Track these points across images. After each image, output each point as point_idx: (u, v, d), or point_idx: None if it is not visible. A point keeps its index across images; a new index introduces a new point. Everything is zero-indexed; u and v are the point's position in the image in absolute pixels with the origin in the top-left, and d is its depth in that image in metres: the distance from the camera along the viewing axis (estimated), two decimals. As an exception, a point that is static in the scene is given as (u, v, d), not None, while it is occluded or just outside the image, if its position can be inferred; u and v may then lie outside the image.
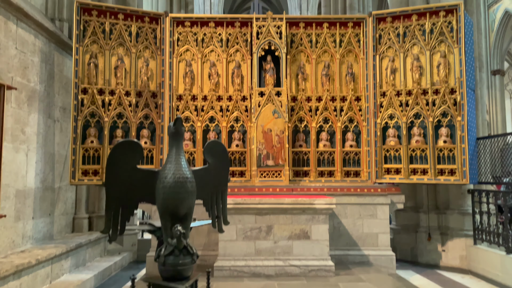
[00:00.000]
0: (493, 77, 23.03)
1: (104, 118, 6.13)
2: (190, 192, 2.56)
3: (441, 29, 6.34)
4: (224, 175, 2.96)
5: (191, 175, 2.58)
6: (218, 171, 2.87)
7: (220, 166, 2.88)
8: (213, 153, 2.81)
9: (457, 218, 7.05)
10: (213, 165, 2.83)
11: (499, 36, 22.25)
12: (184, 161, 2.61)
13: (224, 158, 2.91)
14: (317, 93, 6.68)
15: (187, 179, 2.54)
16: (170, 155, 2.63)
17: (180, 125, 2.60)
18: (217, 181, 2.91)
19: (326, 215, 5.37)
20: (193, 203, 2.67)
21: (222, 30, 6.69)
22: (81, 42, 6.13)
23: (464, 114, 6.12)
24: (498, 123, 22.73)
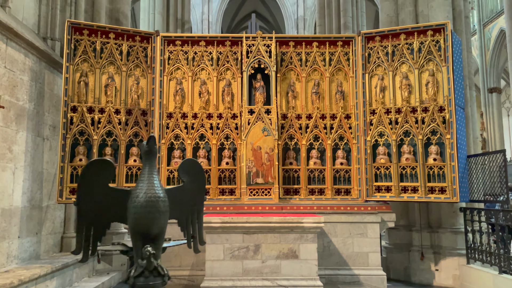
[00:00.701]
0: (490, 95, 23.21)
1: (93, 136, 6.13)
2: (162, 212, 2.53)
3: (429, 48, 6.40)
4: (200, 194, 2.93)
5: (164, 194, 2.56)
6: (194, 190, 2.85)
7: (196, 185, 2.86)
8: (188, 172, 2.80)
9: (450, 236, 6.99)
10: (188, 184, 2.80)
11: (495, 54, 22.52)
12: (157, 180, 2.60)
13: (200, 177, 2.89)
14: (307, 111, 6.71)
15: (159, 198, 2.52)
16: (143, 174, 2.62)
17: (153, 144, 2.59)
18: (193, 201, 2.88)
19: (315, 234, 5.32)
20: (166, 223, 2.63)
21: (213, 49, 6.75)
22: (71, 61, 6.18)
23: (453, 132, 6.13)
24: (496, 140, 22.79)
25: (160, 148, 6.46)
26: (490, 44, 23.12)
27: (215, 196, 6.45)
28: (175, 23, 13.74)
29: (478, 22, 23.55)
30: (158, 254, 2.56)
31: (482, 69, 23.04)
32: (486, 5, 23.17)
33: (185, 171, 2.80)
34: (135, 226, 2.50)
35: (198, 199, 2.93)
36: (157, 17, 13.56)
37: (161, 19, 13.47)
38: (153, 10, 13.90)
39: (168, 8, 13.90)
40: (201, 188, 2.95)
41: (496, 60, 22.99)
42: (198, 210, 2.94)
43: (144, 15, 14.14)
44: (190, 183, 2.81)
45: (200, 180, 2.90)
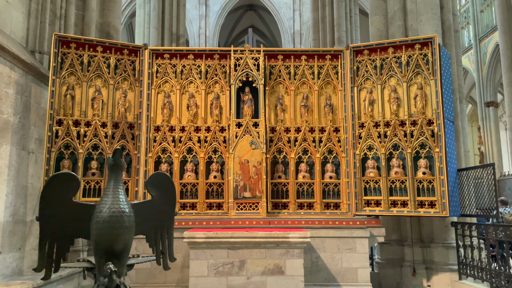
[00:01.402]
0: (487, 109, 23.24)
1: (79, 149, 6.07)
2: (126, 227, 2.45)
3: (417, 61, 6.40)
4: (170, 209, 2.85)
5: (129, 209, 2.48)
6: (163, 204, 2.77)
7: (165, 199, 2.78)
8: (156, 186, 2.72)
9: (442, 251, 6.89)
10: (157, 198, 2.73)
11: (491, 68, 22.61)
12: (123, 194, 2.52)
13: (170, 191, 2.81)
14: (296, 124, 6.66)
15: (123, 213, 2.44)
16: (108, 188, 2.54)
17: (119, 157, 2.53)
18: (162, 215, 2.80)
19: (301, 249, 5.22)
20: (131, 239, 2.55)
21: (201, 62, 6.74)
22: (58, 74, 6.15)
23: (442, 145, 6.07)
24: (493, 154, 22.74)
25: (147, 162, 6.39)
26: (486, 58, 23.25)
27: (202, 211, 6.36)
28: (170, 37, 13.80)
29: (474, 37, 23.71)
30: (121, 271, 2.47)
31: (479, 83, 23.13)
32: (481, 20, 23.37)
33: (153, 185, 2.73)
34: (98, 242, 2.42)
35: (168, 213, 2.85)
36: (152, 31, 13.63)
37: (156, 33, 13.54)
38: (148, 25, 13.99)
39: (163, 22, 14.00)
40: (171, 202, 2.86)
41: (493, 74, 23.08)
42: (168, 225, 2.86)
43: (139, 29, 14.24)
44: (158, 197, 2.73)
45: (170, 194, 2.83)
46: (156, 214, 2.75)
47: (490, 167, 5.99)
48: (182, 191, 6.44)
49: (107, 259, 2.40)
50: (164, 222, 2.82)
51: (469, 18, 24.31)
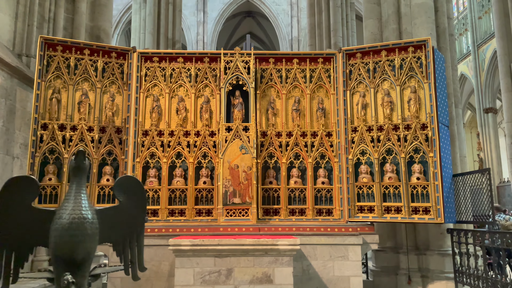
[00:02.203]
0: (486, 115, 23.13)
1: (64, 154, 5.92)
2: (88, 235, 2.29)
3: (410, 64, 6.27)
4: (139, 216, 2.69)
5: (92, 215, 2.33)
6: (132, 210, 2.61)
7: (134, 205, 2.62)
8: (125, 190, 2.56)
9: (437, 259, 6.71)
10: (125, 204, 2.57)
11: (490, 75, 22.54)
12: (86, 199, 2.37)
13: (139, 196, 2.65)
14: (288, 128, 6.51)
15: (85, 220, 2.28)
16: (69, 193, 2.38)
17: (81, 159, 2.38)
18: (131, 222, 2.64)
19: (290, 257, 5.04)
20: (93, 247, 2.39)
21: (191, 65, 6.61)
22: (43, 77, 6.02)
23: (437, 150, 5.93)
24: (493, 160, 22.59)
25: (134, 167, 6.23)
26: (485, 65, 23.21)
27: (191, 217, 6.19)
28: (166, 43, 13.72)
29: (472, 43, 23.70)
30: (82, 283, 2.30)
31: (478, 89, 23.06)
32: (479, 26, 23.34)
33: (121, 190, 2.57)
34: (57, 251, 2.26)
35: (137, 220, 2.68)
36: (148, 37, 13.55)
37: (152, 39, 13.45)
38: (143, 30, 13.92)
39: (159, 28, 13.93)
40: (141, 208, 2.70)
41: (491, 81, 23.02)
42: (137, 232, 2.69)
43: (135, 35, 14.18)
44: (127, 203, 2.57)
45: (139, 200, 2.66)
46: (124, 221, 2.58)
47: (486, 172, 5.84)
48: (171, 197, 6.28)
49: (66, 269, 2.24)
50: (133, 229, 2.66)
51: (467, 24, 24.33)
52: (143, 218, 2.74)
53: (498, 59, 15.95)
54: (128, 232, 2.64)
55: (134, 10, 14.65)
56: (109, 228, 2.43)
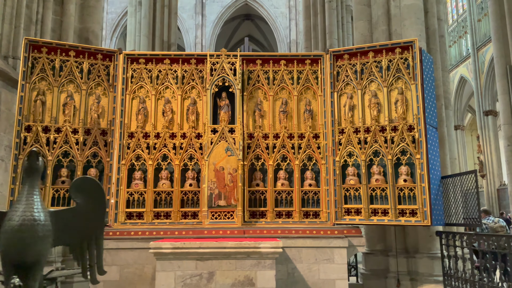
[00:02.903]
0: (486, 117, 23.04)
1: (48, 156, 5.88)
2: (40, 237, 2.24)
3: (397, 65, 6.23)
4: (98, 218, 2.63)
5: (44, 217, 2.28)
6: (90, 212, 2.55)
7: (93, 207, 2.57)
8: (82, 192, 2.51)
9: (427, 262, 6.65)
10: (82, 206, 2.51)
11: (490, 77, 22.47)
12: (38, 200, 2.32)
13: (98, 198, 2.59)
14: (275, 130, 6.47)
15: (35, 222, 2.23)
16: (21, 194, 2.34)
17: (34, 160, 2.33)
18: (89, 224, 2.58)
19: (273, 260, 4.99)
20: (45, 250, 2.33)
21: (178, 67, 6.58)
22: (28, 79, 5.99)
23: (423, 151, 5.87)
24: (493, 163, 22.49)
25: (120, 169, 6.19)
26: (485, 67, 23.16)
27: (177, 220, 6.14)
28: (161, 46, 13.72)
29: (472, 46, 23.67)
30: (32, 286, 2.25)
31: (477, 92, 23.00)
32: (479, 29, 23.30)
33: (78, 191, 2.51)
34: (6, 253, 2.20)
35: (96, 222, 2.62)
36: (143, 40, 13.54)
37: (147, 41, 13.45)
38: (139, 33, 13.91)
39: (154, 30, 13.92)
40: (99, 210, 2.64)
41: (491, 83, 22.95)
42: (96, 235, 2.63)
43: (130, 38, 14.16)
44: (85, 205, 2.51)
45: (98, 202, 2.60)
46: (81, 223, 2.52)
47: (472, 174, 5.78)
48: (156, 199, 6.23)
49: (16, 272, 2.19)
50: (91, 232, 2.60)
51: (467, 27, 24.31)
52: (102, 221, 2.68)
53: (495, 61, 15.84)
54: (86, 234, 2.58)
55: (129, 13, 14.64)
56: (65, 231, 2.38)
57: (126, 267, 5.62)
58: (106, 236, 5.69)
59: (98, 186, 2.61)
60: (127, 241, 5.68)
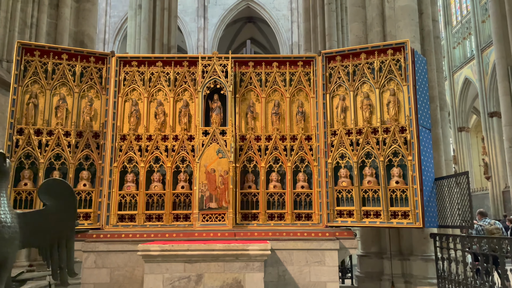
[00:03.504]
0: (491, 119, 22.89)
1: (40, 159, 5.90)
2: (5, 239, 2.24)
3: (389, 67, 6.20)
4: (68, 219, 2.63)
5: (11, 219, 2.28)
6: (60, 214, 2.55)
7: (62, 209, 2.56)
8: (51, 194, 2.51)
9: (421, 265, 6.60)
10: (52, 208, 2.51)
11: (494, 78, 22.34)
12: (5, 202, 2.32)
13: (68, 200, 2.59)
14: (267, 132, 6.45)
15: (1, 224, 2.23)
16: (-12, 196, 2.35)
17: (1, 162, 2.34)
18: (59, 226, 2.58)
19: (261, 262, 4.97)
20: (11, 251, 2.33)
21: (170, 69, 6.59)
22: (20, 82, 6.02)
23: (415, 153, 5.83)
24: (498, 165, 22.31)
25: (112, 172, 6.20)
26: (489, 68, 23.03)
27: (168, 222, 6.14)
28: (161, 48, 13.77)
29: (476, 48, 23.56)
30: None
31: (482, 93, 22.89)
32: (483, 30, 23.20)
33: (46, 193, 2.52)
34: (-29, 255, 2.22)
35: (66, 224, 2.62)
36: (143, 42, 13.60)
37: (147, 44, 13.50)
38: (139, 36, 13.97)
39: (154, 33, 13.98)
40: (69, 212, 2.64)
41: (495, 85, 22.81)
42: (67, 237, 2.63)
43: (130, 41, 14.22)
44: (54, 207, 2.51)
45: (68, 203, 2.60)
46: (50, 225, 2.52)
47: (464, 176, 5.73)
48: (148, 202, 6.23)
49: (-19, 274, 2.20)
50: (61, 234, 2.60)
51: (471, 28, 24.21)
52: (73, 223, 2.68)
53: (496, 62, 15.81)
54: (56, 236, 2.58)
55: (129, 16, 14.71)
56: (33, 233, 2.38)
57: (116, 270, 5.62)
58: (97, 239, 5.72)
59: (68, 188, 2.61)
60: (118, 243, 5.69)
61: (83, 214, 6.03)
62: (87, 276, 5.57)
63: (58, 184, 2.62)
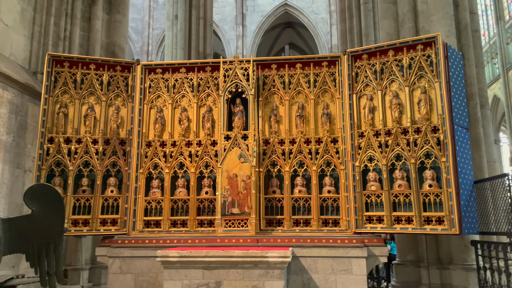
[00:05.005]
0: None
1: (69, 167, 6.08)
2: None
3: (419, 63, 5.84)
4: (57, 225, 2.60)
5: (-5, 224, 2.28)
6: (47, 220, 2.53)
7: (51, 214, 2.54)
8: (38, 199, 2.49)
9: (461, 274, 6.11)
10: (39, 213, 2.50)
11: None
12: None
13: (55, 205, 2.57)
14: (291, 136, 6.28)
15: None
16: (-27, 200, 2.37)
17: None
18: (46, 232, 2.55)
19: (282, 270, 4.79)
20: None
21: (194, 75, 6.61)
22: (51, 92, 6.26)
23: (449, 154, 5.43)
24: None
25: (138, 178, 6.28)
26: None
27: (193, 228, 6.11)
28: (197, 57, 13.97)
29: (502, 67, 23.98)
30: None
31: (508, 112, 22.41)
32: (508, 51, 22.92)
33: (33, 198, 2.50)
34: (-46, 259, 2.23)
35: (54, 230, 2.60)
36: (179, 52, 13.88)
37: (183, 53, 13.75)
38: (175, 45, 14.29)
39: (190, 42, 14.25)
40: (57, 217, 2.62)
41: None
42: (55, 242, 2.60)
43: (168, 51, 14.58)
44: (41, 212, 2.49)
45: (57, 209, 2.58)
46: (37, 231, 2.51)
47: (504, 178, 5.25)
48: (173, 207, 6.24)
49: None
50: (49, 240, 2.58)
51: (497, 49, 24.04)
52: (61, 228, 2.66)
53: None
54: (44, 242, 2.57)
55: (167, 27, 15.11)
56: (19, 238, 2.38)
57: (140, 275, 5.65)
58: (122, 244, 5.80)
59: (55, 194, 2.60)
60: (142, 249, 5.73)
61: (110, 220, 6.15)
62: (113, 281, 5.64)
63: (45, 189, 2.63)
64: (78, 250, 6.93)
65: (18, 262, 6.02)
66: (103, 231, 6.07)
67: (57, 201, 2.62)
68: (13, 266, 5.87)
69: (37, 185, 2.65)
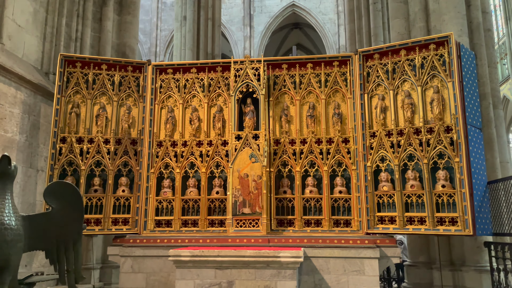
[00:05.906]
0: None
1: (81, 166, 6.12)
2: (8, 242, 2.25)
3: (432, 63, 5.80)
4: (75, 222, 2.61)
5: (15, 222, 2.29)
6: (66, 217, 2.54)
7: (69, 212, 2.55)
8: (57, 196, 2.51)
9: (474, 276, 6.05)
10: (58, 211, 2.51)
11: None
12: (10, 205, 2.34)
13: (75, 203, 2.58)
14: (302, 136, 6.27)
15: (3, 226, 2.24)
16: (-7, 198, 2.38)
17: (6, 165, 2.36)
18: (66, 229, 2.56)
19: (294, 270, 4.77)
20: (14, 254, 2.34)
21: (204, 75, 6.62)
22: (63, 93, 6.30)
23: (463, 154, 5.38)
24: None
25: (149, 178, 6.30)
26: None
27: (204, 228, 6.11)
28: (205, 57, 13.99)
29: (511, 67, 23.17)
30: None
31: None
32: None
33: (53, 196, 2.51)
34: (-26, 257, 2.25)
35: (73, 227, 2.61)
36: (188, 53, 13.91)
37: (191, 54, 13.78)
38: (184, 46, 14.33)
39: (198, 43, 14.28)
40: (76, 215, 2.63)
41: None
42: (74, 240, 2.61)
43: (176, 52, 14.63)
44: (60, 210, 2.51)
45: (75, 206, 2.59)
46: (57, 228, 2.52)
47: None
48: (184, 207, 6.26)
49: (-16, 275, 2.23)
50: (68, 237, 2.59)
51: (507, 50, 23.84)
52: (80, 226, 2.67)
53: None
54: (63, 239, 2.58)
55: (175, 28, 15.16)
56: (39, 236, 2.39)
57: (152, 275, 5.66)
58: (133, 244, 5.82)
59: (74, 191, 2.61)
60: (153, 248, 5.74)
61: (122, 220, 6.17)
62: (124, 280, 5.66)
63: (64, 186, 2.64)
64: (89, 250, 6.95)
65: (31, 261, 6.07)
66: (114, 231, 6.09)
67: (77, 199, 2.63)
68: (25, 265, 5.91)
69: (57, 183, 2.67)
